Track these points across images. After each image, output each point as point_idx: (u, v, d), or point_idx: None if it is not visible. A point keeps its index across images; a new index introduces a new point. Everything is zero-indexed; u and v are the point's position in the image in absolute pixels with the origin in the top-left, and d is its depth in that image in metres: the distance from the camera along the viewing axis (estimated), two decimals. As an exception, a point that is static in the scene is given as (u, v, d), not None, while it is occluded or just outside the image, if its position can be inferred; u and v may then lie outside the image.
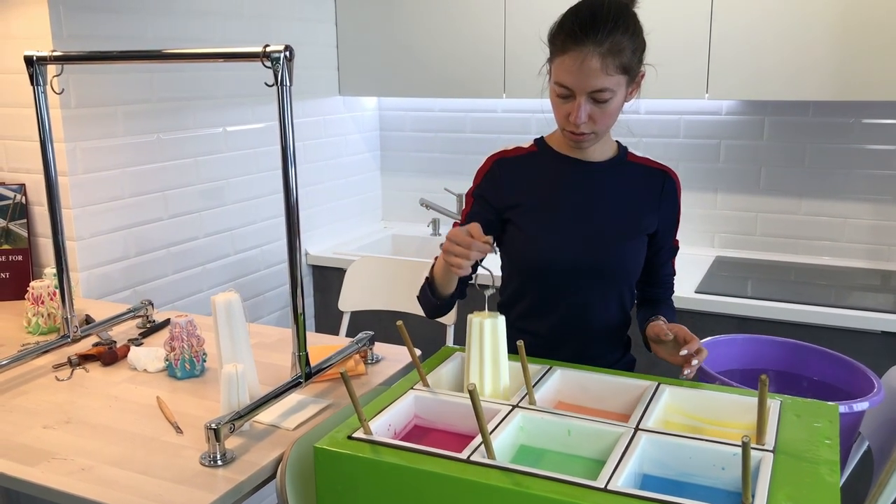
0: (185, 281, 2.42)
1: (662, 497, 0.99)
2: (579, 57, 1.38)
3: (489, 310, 1.37)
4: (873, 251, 2.65)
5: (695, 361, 1.38)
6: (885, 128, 2.56)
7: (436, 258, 1.52)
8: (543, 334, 1.57)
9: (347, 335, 2.35)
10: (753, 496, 0.99)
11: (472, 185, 1.63)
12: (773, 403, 1.27)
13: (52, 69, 1.66)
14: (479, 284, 1.42)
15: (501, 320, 1.36)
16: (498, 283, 1.39)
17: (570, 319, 1.56)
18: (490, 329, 1.34)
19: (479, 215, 1.58)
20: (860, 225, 2.65)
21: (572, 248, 1.52)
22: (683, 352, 1.39)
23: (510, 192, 1.57)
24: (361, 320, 2.59)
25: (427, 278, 1.57)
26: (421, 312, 2.34)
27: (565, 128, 1.48)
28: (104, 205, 2.14)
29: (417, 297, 1.62)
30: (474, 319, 1.34)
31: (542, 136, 1.63)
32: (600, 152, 1.57)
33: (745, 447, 0.93)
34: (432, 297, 1.56)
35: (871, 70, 2.27)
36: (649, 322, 1.55)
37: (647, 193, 1.58)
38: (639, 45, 1.43)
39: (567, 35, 1.40)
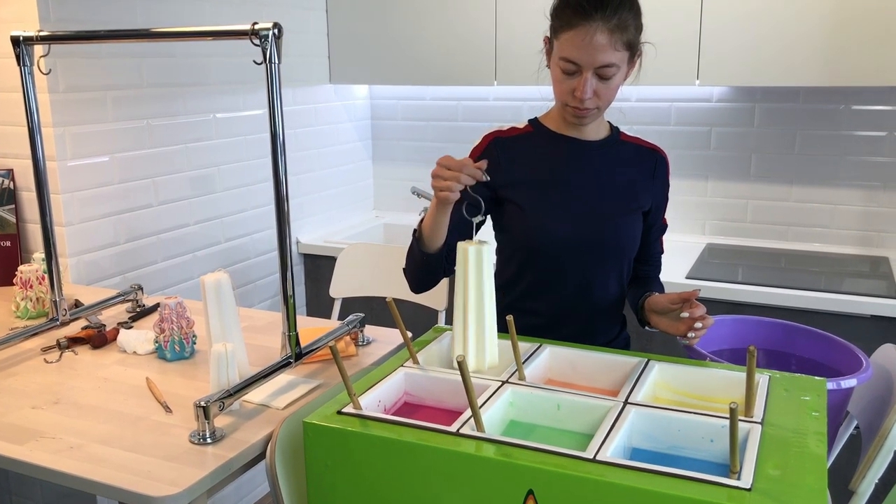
0: (175, 268, 2.41)
1: (651, 466, 0.99)
2: (588, 32, 1.38)
3: (478, 238, 1.32)
4: (863, 237, 2.66)
5: (699, 325, 1.39)
6: (874, 114, 2.57)
7: (424, 212, 1.48)
8: (546, 313, 1.57)
9: (338, 321, 2.34)
10: (741, 466, 1.00)
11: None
12: (762, 378, 1.27)
13: (38, 50, 1.65)
14: (465, 210, 1.35)
15: (487, 248, 1.30)
16: (484, 208, 1.36)
17: (572, 296, 1.56)
18: (474, 256, 1.29)
19: (475, 191, 1.55)
20: (850, 211, 2.66)
21: (575, 225, 1.52)
22: (684, 314, 1.40)
23: (508, 171, 1.56)
24: (352, 307, 2.58)
25: (415, 231, 1.52)
26: (412, 297, 2.36)
27: (569, 104, 1.47)
28: (93, 191, 2.13)
29: (403, 269, 1.60)
30: (460, 245, 1.30)
31: (535, 118, 1.64)
32: (595, 131, 1.58)
33: (732, 413, 0.94)
34: (419, 252, 1.50)
35: (862, 56, 2.27)
36: (645, 297, 1.56)
37: (641, 172, 1.60)
38: (639, 23, 1.45)
39: (574, 10, 1.40)
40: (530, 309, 1.57)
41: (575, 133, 1.57)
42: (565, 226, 1.53)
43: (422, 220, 1.50)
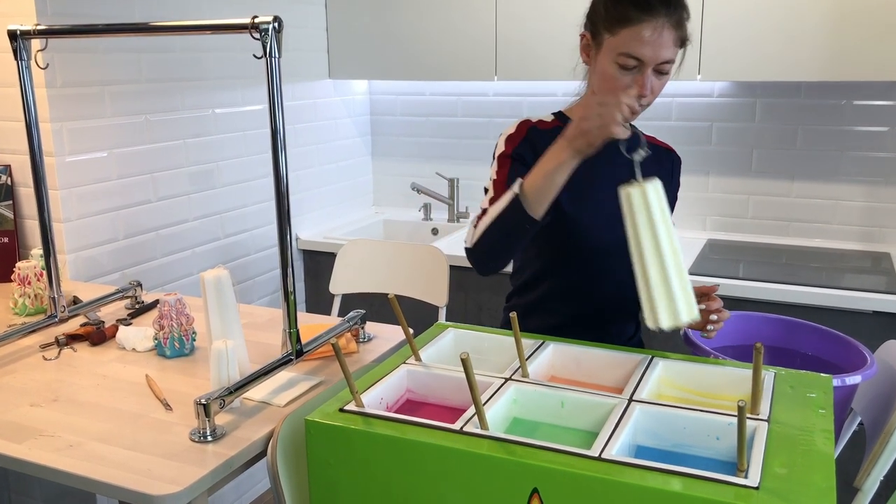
0: (174, 264, 2.40)
1: (657, 465, 0.98)
2: (655, 28, 1.35)
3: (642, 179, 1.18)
4: (864, 233, 2.65)
5: (714, 317, 1.37)
6: (875, 109, 2.56)
7: (520, 180, 1.34)
8: (568, 313, 1.54)
9: (339, 318, 2.33)
10: (748, 464, 0.99)
11: (502, 148, 1.51)
12: (767, 375, 1.26)
13: (36, 44, 1.64)
14: (625, 148, 1.25)
15: (659, 184, 1.16)
16: (646, 146, 1.27)
17: (598, 298, 1.53)
18: (654, 196, 1.14)
19: (521, 175, 1.43)
20: (851, 207, 2.65)
21: (610, 226, 1.44)
22: (701, 307, 1.37)
23: None
24: (353, 304, 2.57)
25: (515, 195, 1.33)
26: (412, 293, 2.35)
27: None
28: (91, 186, 2.11)
29: (469, 248, 1.42)
30: (631, 190, 1.15)
31: (560, 111, 1.58)
32: (623, 130, 1.54)
33: (740, 411, 0.93)
34: (519, 217, 1.33)
35: (863, 50, 2.26)
36: None
37: (662, 173, 1.55)
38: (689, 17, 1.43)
39: (637, 5, 1.36)
40: (552, 309, 1.53)
41: None
42: (605, 227, 1.47)
43: (520, 182, 1.34)
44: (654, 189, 1.17)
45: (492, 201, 1.46)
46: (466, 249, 1.45)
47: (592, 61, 1.46)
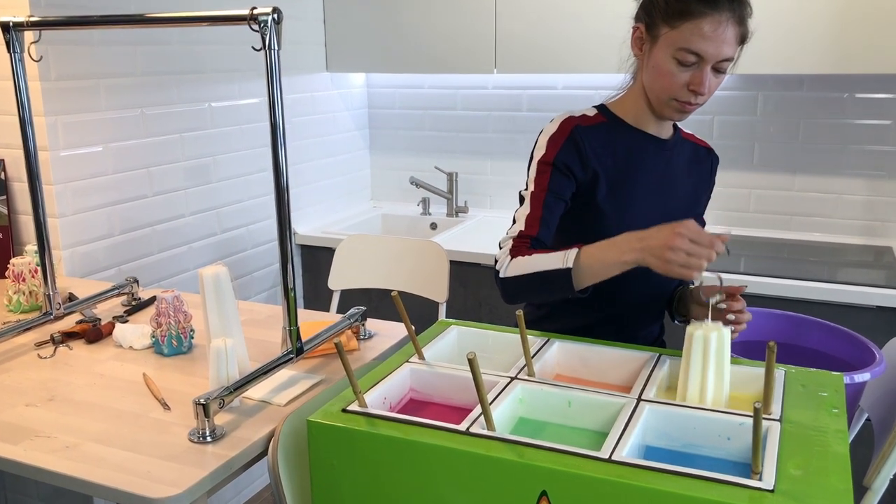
0: (171, 260, 2.37)
1: (669, 467, 0.96)
2: (721, 23, 1.31)
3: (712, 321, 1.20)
4: (867, 227, 2.63)
5: (732, 317, 1.34)
6: (878, 102, 2.54)
7: (577, 247, 1.33)
8: (596, 314, 1.51)
9: (338, 314, 2.30)
10: (762, 465, 0.97)
11: (543, 151, 1.44)
12: (778, 373, 1.24)
13: (29, 36, 1.60)
14: (705, 293, 1.29)
15: (727, 333, 1.19)
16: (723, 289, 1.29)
17: (629, 300, 1.50)
18: (716, 343, 1.17)
19: (563, 188, 1.43)
20: (853, 201, 2.63)
21: (649, 227, 1.35)
22: (722, 306, 1.35)
23: (593, 165, 1.43)
24: (352, 299, 2.55)
25: (565, 269, 1.32)
26: (413, 290, 2.32)
27: (678, 98, 1.37)
28: (87, 181, 2.08)
29: (506, 277, 1.40)
30: (696, 333, 1.18)
31: (603, 104, 1.52)
32: (666, 128, 1.50)
33: (756, 413, 0.90)
34: (564, 285, 1.32)
35: (866, 43, 2.24)
36: (679, 290, 1.53)
37: (701, 174, 1.55)
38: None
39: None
40: (581, 310, 1.49)
41: (654, 129, 1.48)
42: (637, 227, 1.39)
43: (576, 255, 1.32)
44: (717, 336, 1.18)
45: (528, 219, 1.42)
46: (497, 275, 1.42)
47: (645, 55, 1.41)
